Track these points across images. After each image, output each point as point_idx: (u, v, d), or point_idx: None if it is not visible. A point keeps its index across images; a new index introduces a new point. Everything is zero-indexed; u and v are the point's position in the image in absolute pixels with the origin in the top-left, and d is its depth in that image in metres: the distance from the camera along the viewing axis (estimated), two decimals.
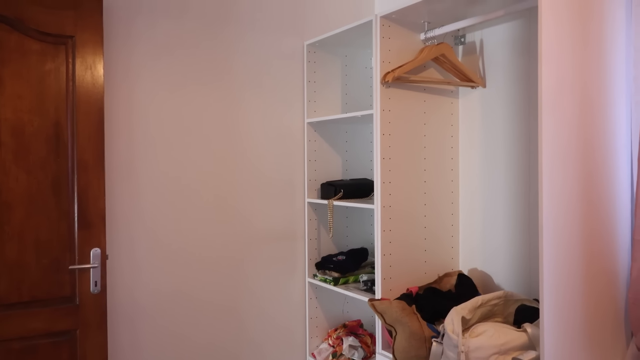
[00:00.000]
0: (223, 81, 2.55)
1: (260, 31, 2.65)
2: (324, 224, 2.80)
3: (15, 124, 1.99)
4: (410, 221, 2.33)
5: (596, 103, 1.71)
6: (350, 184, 2.67)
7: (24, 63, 2.00)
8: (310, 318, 2.78)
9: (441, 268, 2.42)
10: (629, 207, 1.78)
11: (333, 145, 2.84)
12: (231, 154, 2.58)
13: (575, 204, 1.65)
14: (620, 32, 1.76)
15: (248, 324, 2.65)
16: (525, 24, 2.18)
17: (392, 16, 2.22)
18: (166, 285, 2.42)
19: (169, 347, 2.43)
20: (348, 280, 2.61)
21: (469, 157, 2.43)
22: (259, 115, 2.65)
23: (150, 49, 2.37)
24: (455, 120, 2.46)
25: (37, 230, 2.03)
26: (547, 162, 1.58)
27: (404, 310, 1.98)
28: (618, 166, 1.76)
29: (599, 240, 1.71)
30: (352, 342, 2.67)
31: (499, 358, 1.70)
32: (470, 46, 2.41)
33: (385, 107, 2.24)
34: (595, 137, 1.71)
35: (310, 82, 2.75)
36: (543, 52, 1.56)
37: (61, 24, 2.05)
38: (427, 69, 2.37)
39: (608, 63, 1.73)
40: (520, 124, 2.20)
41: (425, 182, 2.37)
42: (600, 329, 1.73)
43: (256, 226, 2.66)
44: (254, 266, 2.66)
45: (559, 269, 1.61)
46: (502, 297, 1.98)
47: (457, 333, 1.75)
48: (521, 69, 2.20)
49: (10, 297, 1.99)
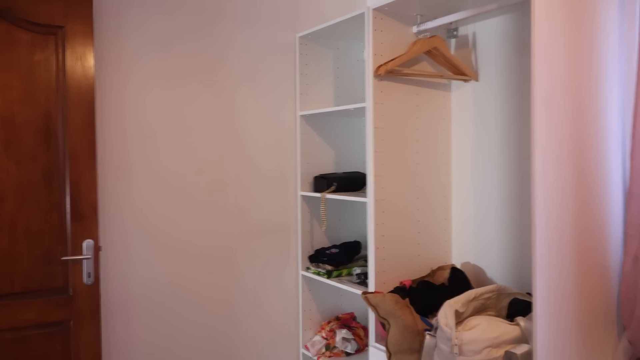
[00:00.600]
0: (216, 74, 2.53)
1: (253, 24, 2.62)
2: (316, 217, 2.80)
3: (5, 115, 1.96)
4: (403, 214, 2.33)
5: (589, 98, 1.71)
6: (343, 177, 2.66)
7: (13, 53, 1.97)
8: (304, 311, 2.78)
9: (434, 262, 2.42)
10: (621, 201, 1.79)
11: (326, 138, 2.83)
12: (224, 147, 2.56)
13: (567, 198, 1.66)
14: (613, 27, 1.76)
15: (241, 316, 2.64)
16: (518, 17, 2.17)
17: (385, 9, 2.21)
18: (159, 277, 2.40)
19: (163, 338, 2.42)
20: (341, 273, 2.61)
21: (461, 150, 2.43)
22: (252, 108, 2.64)
23: (141, 41, 2.34)
24: (447, 113, 2.46)
25: (29, 221, 2.01)
26: (540, 156, 1.58)
27: (397, 303, 1.98)
28: (611, 161, 1.76)
29: (591, 235, 1.72)
30: (345, 335, 2.67)
31: (491, 351, 1.71)
32: (463, 39, 2.40)
33: (378, 100, 2.23)
34: (588, 131, 1.71)
35: (303, 75, 2.74)
36: (536, 46, 1.56)
37: (51, 14, 2.02)
38: (420, 62, 2.36)
39: (601, 58, 1.74)
40: (513, 118, 2.20)
41: (418, 175, 2.37)
42: (593, 323, 1.74)
43: (249, 219, 2.65)
44: (248, 259, 2.65)
45: (551, 263, 1.62)
46: (495, 290, 1.99)
47: (451, 326, 1.75)
48: (514, 62, 2.19)
49: (2, 287, 1.98)
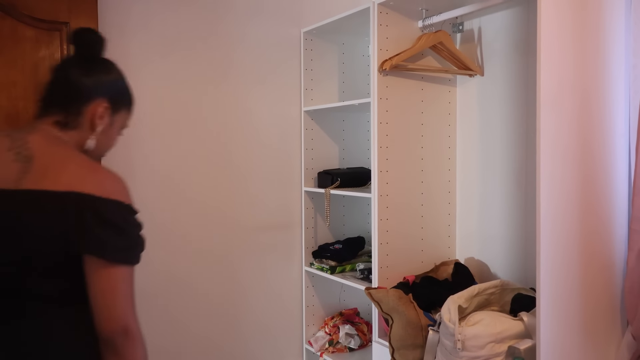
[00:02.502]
0: (220, 70, 2.53)
1: (257, 19, 2.62)
2: (320, 212, 2.80)
3: (10, 111, 1.97)
4: (407, 210, 2.32)
5: (595, 93, 1.70)
6: (347, 172, 2.66)
7: (17, 49, 1.98)
8: (307, 306, 2.79)
9: (438, 257, 2.42)
10: (626, 197, 1.78)
11: (330, 134, 2.82)
12: (228, 143, 2.57)
13: (572, 194, 1.65)
14: (619, 21, 1.75)
15: (244, 312, 2.65)
16: (524, 11, 2.16)
17: (390, 3, 2.20)
18: (160, 272, 2.41)
19: (164, 335, 2.43)
20: (345, 268, 2.61)
21: (466, 146, 2.42)
22: (256, 104, 2.64)
23: (146, 37, 2.34)
24: (452, 109, 2.45)
25: None
26: (545, 153, 1.58)
27: (400, 298, 1.98)
28: (616, 155, 1.75)
29: (595, 230, 1.72)
30: (348, 330, 2.67)
31: (495, 346, 1.71)
32: (469, 34, 2.39)
33: (383, 95, 2.23)
34: (593, 126, 1.70)
35: (307, 70, 2.73)
36: (542, 43, 1.55)
37: (55, 9, 2.03)
38: (425, 57, 2.35)
39: (607, 52, 1.72)
40: (518, 113, 2.19)
41: (423, 171, 2.37)
42: (596, 318, 1.73)
43: (253, 214, 2.65)
44: (251, 254, 2.65)
45: (555, 258, 1.61)
46: (498, 286, 1.98)
47: (454, 322, 1.75)
48: (519, 57, 2.18)
49: None
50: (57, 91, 1.28)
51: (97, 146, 1.32)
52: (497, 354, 1.70)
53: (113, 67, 1.34)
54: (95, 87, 1.27)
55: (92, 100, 1.27)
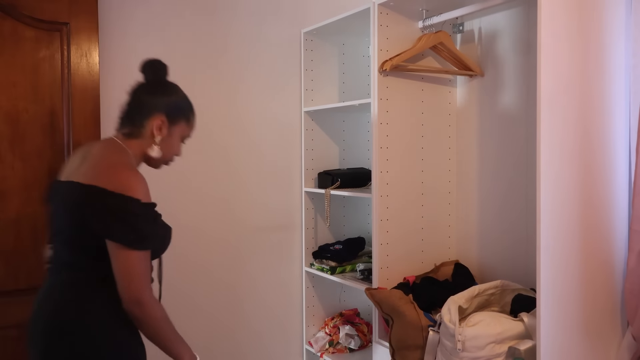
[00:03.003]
0: (220, 69, 2.53)
1: (258, 19, 2.62)
2: (320, 213, 2.80)
3: (10, 112, 1.97)
4: (408, 211, 2.32)
5: (595, 93, 1.70)
6: (348, 173, 2.66)
7: (18, 50, 1.98)
8: (307, 307, 2.78)
9: (438, 257, 2.42)
10: (626, 197, 1.78)
11: (330, 134, 2.82)
12: (228, 143, 2.57)
13: (572, 194, 1.65)
14: (619, 20, 1.75)
15: (245, 312, 2.65)
16: (524, 12, 2.16)
17: (390, 4, 2.20)
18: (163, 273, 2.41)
19: None
20: (345, 269, 2.61)
21: (466, 146, 2.42)
22: (256, 104, 2.64)
23: (146, 38, 2.34)
24: (453, 109, 2.45)
25: (34, 218, 2.02)
26: (545, 153, 1.58)
27: (401, 299, 1.98)
28: (616, 156, 1.75)
29: (596, 231, 1.71)
30: (348, 331, 2.67)
31: (495, 347, 1.71)
32: (469, 35, 2.39)
33: (383, 95, 2.23)
34: (594, 126, 1.70)
35: (307, 71, 2.73)
36: (542, 42, 1.55)
37: (55, 10, 2.03)
38: (425, 57, 2.35)
39: (607, 51, 1.72)
40: (518, 114, 2.19)
41: (423, 171, 2.36)
42: (597, 319, 1.73)
43: (253, 215, 2.65)
44: (251, 255, 2.65)
45: (556, 259, 1.61)
46: (498, 286, 1.98)
47: (454, 322, 1.75)
48: (519, 57, 2.18)
49: (7, 284, 1.99)
50: (128, 109, 1.58)
51: (161, 154, 1.59)
52: (497, 355, 1.70)
53: (172, 87, 1.62)
54: (155, 104, 1.55)
55: (152, 115, 1.54)
